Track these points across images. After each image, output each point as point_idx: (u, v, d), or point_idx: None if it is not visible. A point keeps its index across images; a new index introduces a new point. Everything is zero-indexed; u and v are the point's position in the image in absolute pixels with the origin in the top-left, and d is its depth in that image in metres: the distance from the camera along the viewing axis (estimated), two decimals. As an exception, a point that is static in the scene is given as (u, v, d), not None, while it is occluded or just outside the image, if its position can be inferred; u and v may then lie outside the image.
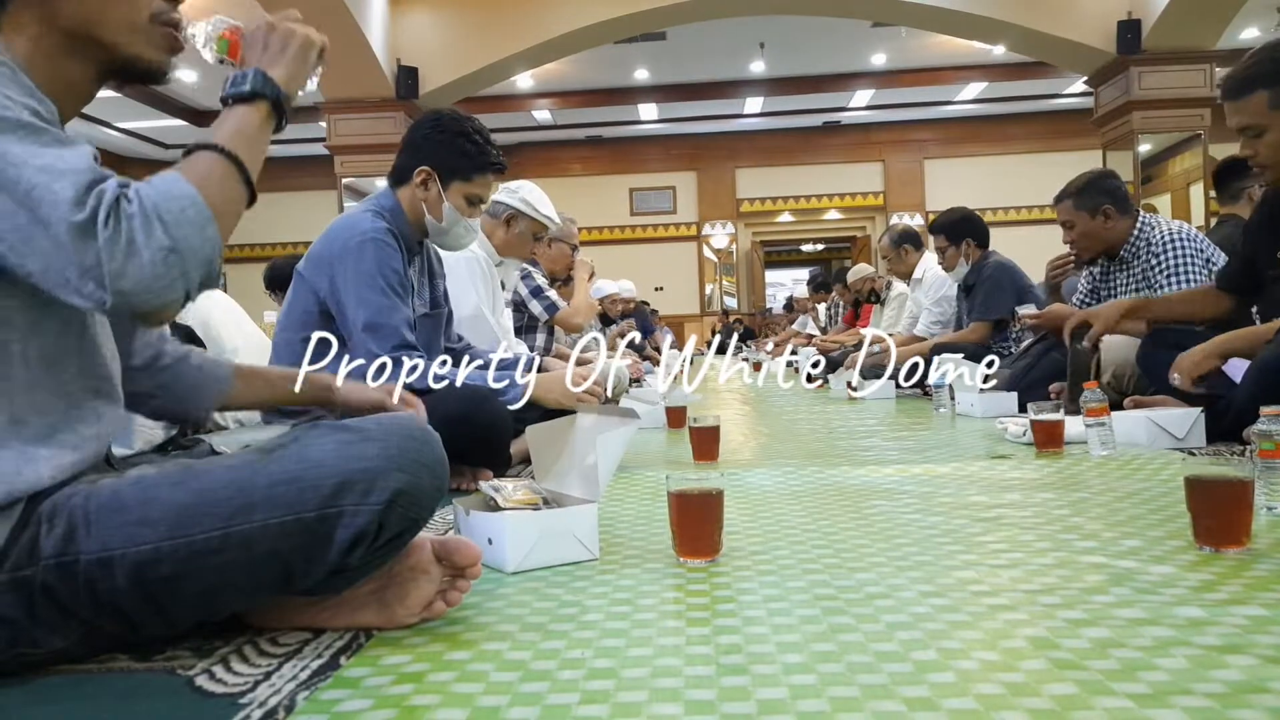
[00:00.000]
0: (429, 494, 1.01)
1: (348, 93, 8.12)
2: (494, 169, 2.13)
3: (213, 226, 0.91)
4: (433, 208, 2.08)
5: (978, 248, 4.06)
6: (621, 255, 12.77)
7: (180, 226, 0.88)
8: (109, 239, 0.85)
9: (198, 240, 0.89)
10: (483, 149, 2.10)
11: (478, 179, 2.10)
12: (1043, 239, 11.49)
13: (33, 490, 0.93)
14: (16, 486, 0.91)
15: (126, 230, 0.86)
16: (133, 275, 0.86)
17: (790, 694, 0.81)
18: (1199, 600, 1.04)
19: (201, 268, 0.90)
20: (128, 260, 0.85)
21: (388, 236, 1.97)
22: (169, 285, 0.88)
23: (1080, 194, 3.02)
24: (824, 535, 1.43)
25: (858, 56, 10.45)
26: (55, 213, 0.84)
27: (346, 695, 0.86)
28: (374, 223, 1.98)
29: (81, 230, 0.84)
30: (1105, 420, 2.14)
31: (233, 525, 0.92)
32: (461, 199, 2.09)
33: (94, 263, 0.84)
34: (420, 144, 2.11)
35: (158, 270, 0.87)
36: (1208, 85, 7.94)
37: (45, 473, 0.94)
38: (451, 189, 2.08)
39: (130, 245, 0.85)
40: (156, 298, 0.88)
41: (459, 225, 2.12)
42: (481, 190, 2.12)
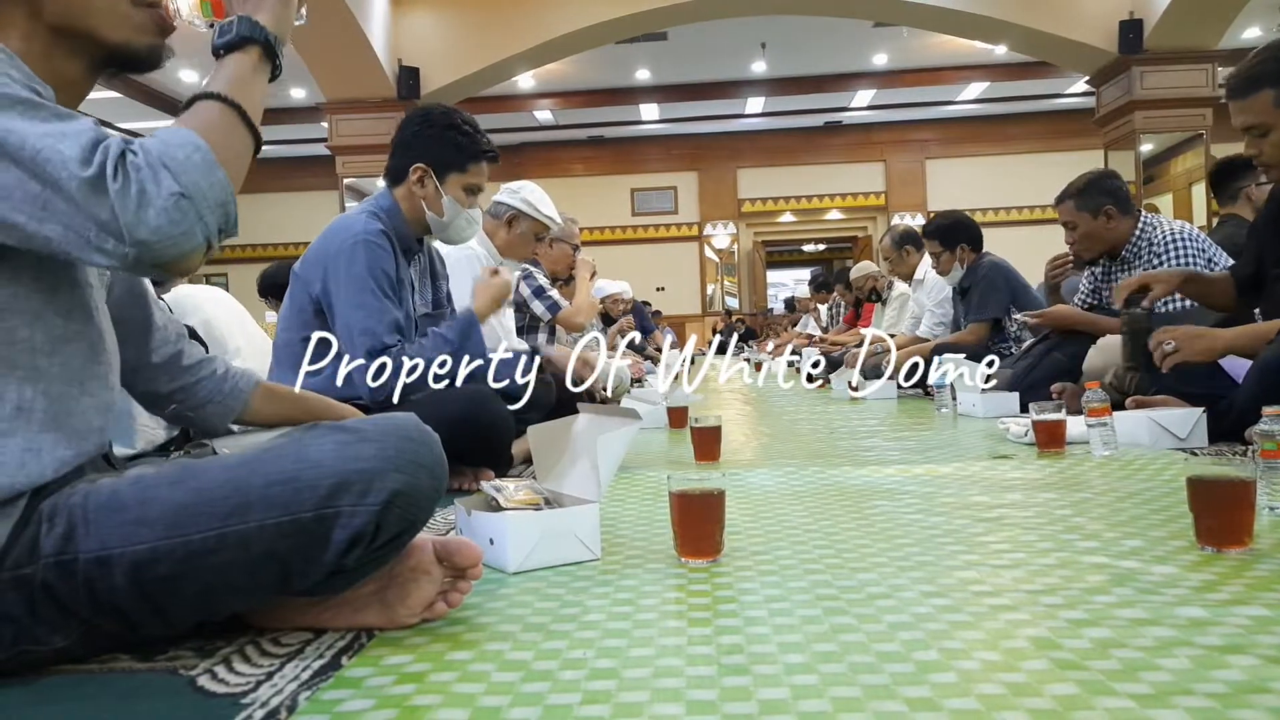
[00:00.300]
0: (427, 495, 1.01)
1: (349, 93, 8.14)
2: (487, 157, 2.13)
3: (219, 171, 0.91)
4: (432, 203, 2.08)
5: (971, 251, 4.06)
6: (623, 255, 12.78)
7: (187, 172, 0.89)
8: (119, 191, 0.85)
9: (206, 184, 0.90)
10: (473, 139, 2.10)
11: (473, 168, 2.10)
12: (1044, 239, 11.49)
13: (34, 484, 0.93)
14: (18, 481, 0.91)
15: (135, 181, 0.86)
16: (149, 224, 0.86)
17: (792, 694, 0.81)
18: (1201, 600, 1.04)
19: (215, 212, 0.91)
20: (141, 210, 0.86)
21: (380, 238, 1.97)
22: (186, 232, 0.88)
23: (1082, 194, 3.02)
24: (826, 535, 1.43)
25: (859, 56, 10.46)
26: (64, 172, 0.85)
27: (348, 695, 0.86)
28: (367, 224, 1.98)
29: (92, 185, 0.85)
30: (1107, 420, 2.14)
31: (229, 525, 0.92)
32: (460, 190, 2.09)
33: (109, 216, 0.85)
34: (411, 141, 2.11)
35: (172, 216, 0.87)
36: (1210, 85, 7.94)
37: (48, 466, 0.94)
38: (448, 182, 2.08)
39: (141, 195, 0.86)
40: (175, 246, 0.88)
41: (460, 217, 2.13)
42: (478, 179, 2.12)
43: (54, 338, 0.97)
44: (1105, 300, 3.15)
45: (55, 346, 0.97)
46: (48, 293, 0.96)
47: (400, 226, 2.05)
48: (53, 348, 0.97)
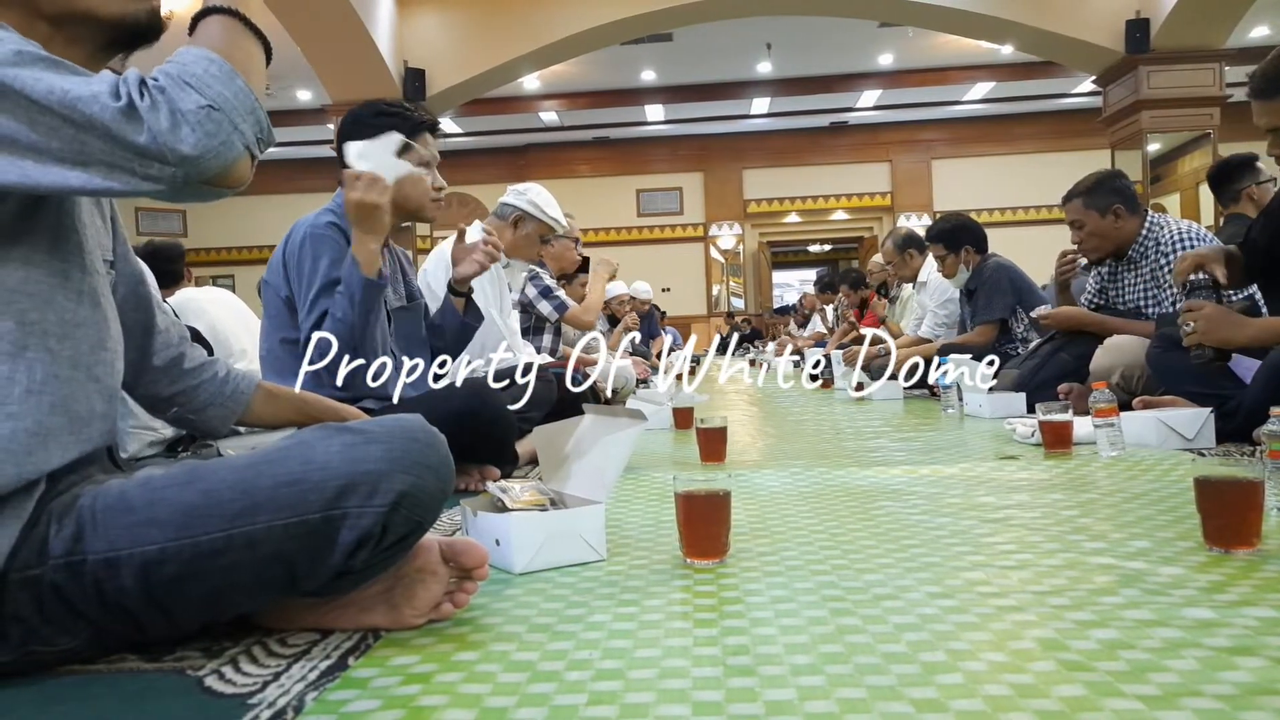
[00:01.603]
0: (433, 496, 1.01)
1: (355, 95, 8.13)
2: (422, 127, 2.08)
3: (239, 79, 0.94)
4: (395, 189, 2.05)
5: (976, 253, 4.06)
6: (628, 256, 12.75)
7: (209, 85, 0.91)
8: (150, 112, 0.88)
9: (230, 92, 0.92)
10: (402, 115, 2.07)
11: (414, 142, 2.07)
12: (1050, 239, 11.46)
13: (42, 473, 0.93)
14: (26, 469, 0.92)
15: (164, 100, 0.89)
16: (187, 140, 0.89)
17: (798, 695, 0.81)
18: (1209, 601, 1.03)
19: (248, 119, 0.94)
20: (175, 128, 0.88)
21: (327, 229, 1.96)
22: (225, 142, 0.91)
23: (1090, 193, 3.01)
24: (831, 536, 1.43)
25: (865, 57, 10.44)
26: (96, 107, 0.87)
27: (355, 696, 0.86)
28: (315, 219, 1.99)
29: (126, 114, 0.87)
30: (1114, 421, 2.13)
31: (237, 526, 0.93)
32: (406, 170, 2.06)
33: (148, 140, 0.88)
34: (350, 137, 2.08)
35: (207, 128, 0.90)
36: (1217, 84, 7.91)
37: (55, 454, 0.95)
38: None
39: (172, 114, 0.89)
40: (218, 157, 0.91)
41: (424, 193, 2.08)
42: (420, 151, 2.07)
43: (64, 322, 0.98)
44: (1112, 300, 3.14)
45: (65, 331, 0.98)
46: (59, 277, 0.97)
47: None
48: (63, 332, 0.97)
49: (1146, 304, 2.98)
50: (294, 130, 11.35)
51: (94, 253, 1.05)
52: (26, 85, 0.86)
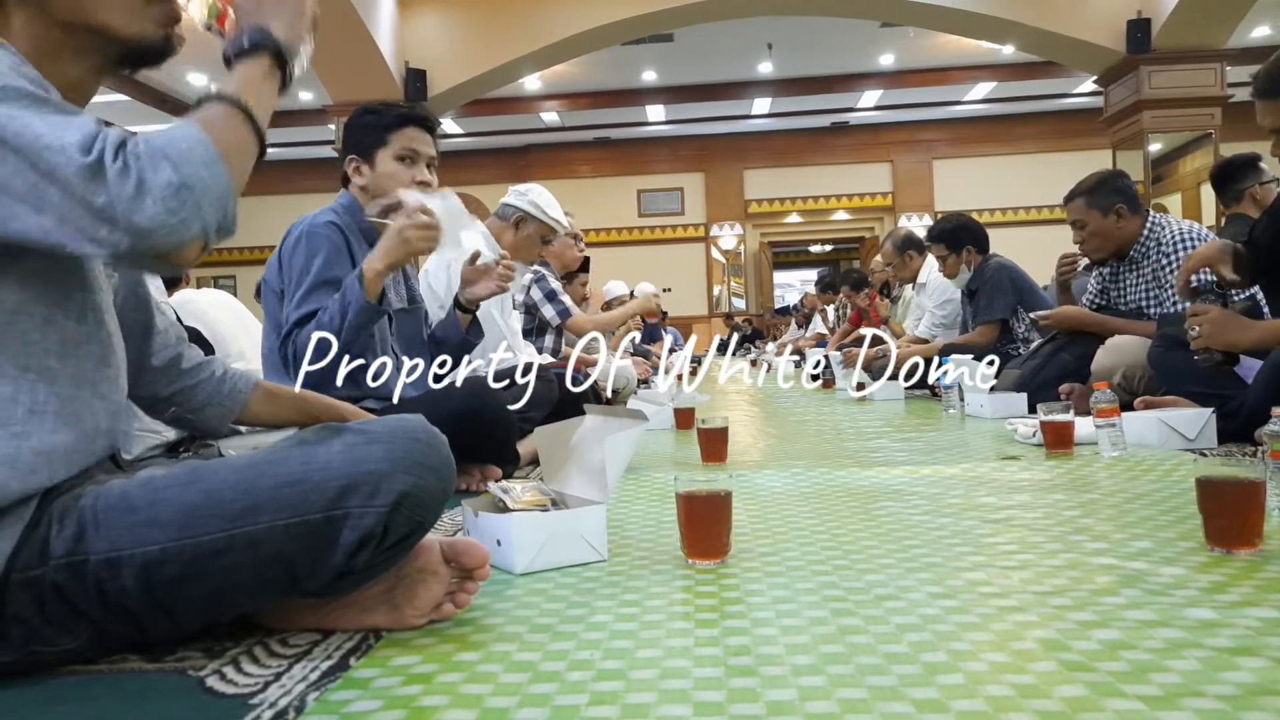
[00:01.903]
0: (435, 496, 1.01)
1: (356, 95, 8.14)
2: (407, 122, 2.08)
3: (221, 165, 0.90)
4: (375, 186, 2.06)
5: (977, 253, 4.06)
6: (629, 256, 12.78)
7: (189, 163, 0.87)
8: (118, 175, 0.84)
9: (206, 175, 0.88)
10: (384, 113, 2.08)
11: (394, 136, 2.06)
12: (1052, 239, 11.45)
13: (45, 488, 0.93)
14: (30, 485, 0.92)
15: (135, 168, 0.85)
16: (146, 211, 0.85)
17: (799, 695, 0.81)
18: (1210, 602, 1.03)
19: (215, 205, 0.89)
20: (138, 197, 0.85)
21: (325, 228, 1.96)
22: (183, 222, 0.87)
23: (1093, 193, 3.00)
24: (833, 537, 1.43)
25: (866, 57, 10.44)
26: (62, 158, 0.84)
27: (356, 696, 0.86)
28: (315, 218, 1.99)
29: (90, 172, 0.84)
30: (1116, 421, 2.13)
31: (238, 527, 0.93)
32: (391, 161, 2.06)
33: (105, 203, 0.84)
34: (343, 144, 2.12)
35: (170, 205, 0.86)
36: (1218, 84, 7.90)
37: (59, 469, 0.95)
38: (378, 159, 2.05)
39: (140, 183, 0.85)
40: (172, 235, 0.86)
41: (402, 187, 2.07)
42: (406, 143, 2.06)
43: (65, 341, 0.97)
44: (1113, 301, 3.14)
45: (67, 350, 0.97)
46: (59, 297, 0.97)
47: (362, 221, 2.04)
48: (64, 351, 0.97)
49: (1148, 304, 2.98)
50: (295, 131, 11.36)
51: (95, 266, 1.05)
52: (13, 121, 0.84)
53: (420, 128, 2.08)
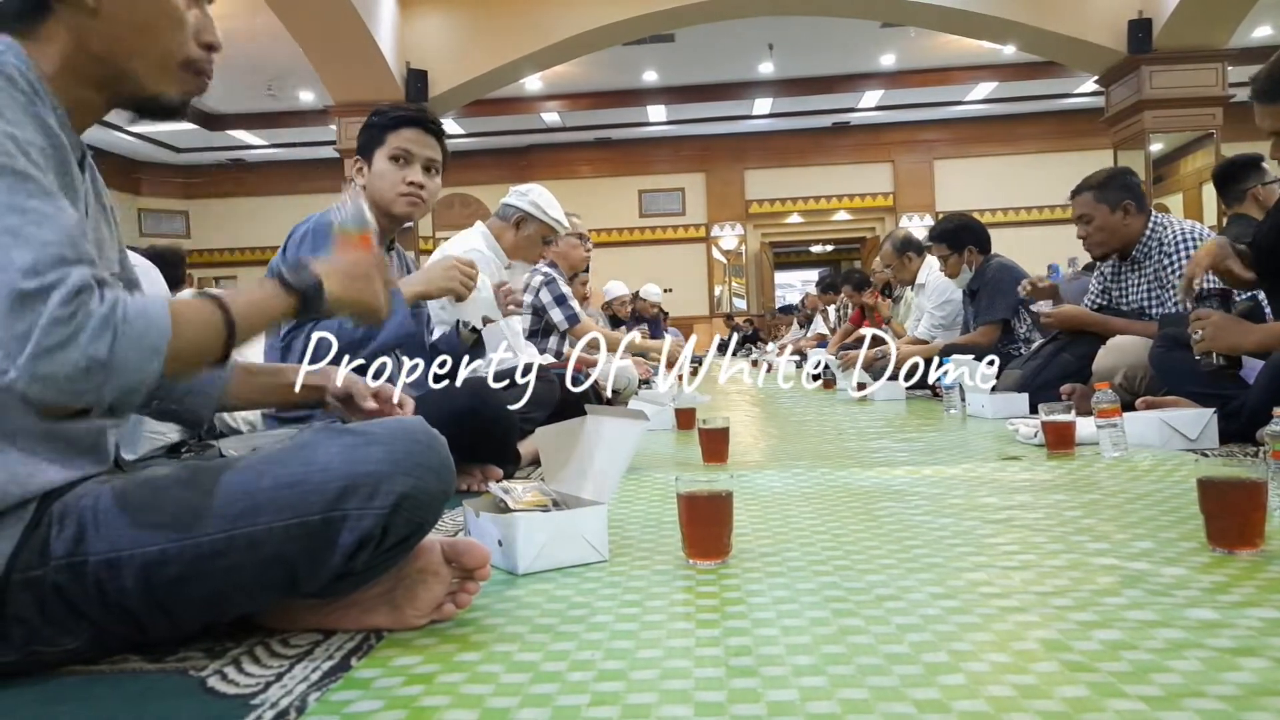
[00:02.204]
0: (434, 497, 1.01)
1: (357, 96, 8.15)
2: (404, 123, 2.08)
3: (158, 362, 0.87)
4: (371, 187, 2.07)
5: (979, 253, 4.06)
6: (630, 257, 12.78)
7: (128, 348, 0.84)
8: (52, 322, 0.80)
9: (134, 365, 0.85)
10: (383, 114, 2.09)
11: (390, 137, 2.07)
12: (1054, 239, 11.46)
13: (44, 491, 0.94)
14: (29, 489, 0.92)
15: (76, 325, 0.82)
16: (52, 369, 0.81)
17: (800, 696, 0.81)
18: (1212, 602, 1.03)
19: (120, 391, 0.86)
20: (58, 350, 0.81)
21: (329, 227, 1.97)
22: (77, 393, 0.83)
23: (1102, 187, 3.00)
24: (834, 537, 1.43)
25: (867, 57, 10.44)
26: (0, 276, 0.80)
27: (357, 696, 0.86)
28: (322, 216, 1.98)
29: (22, 299, 0.80)
30: (1117, 421, 2.13)
31: (238, 527, 0.93)
32: (385, 161, 2.06)
33: (22, 334, 0.80)
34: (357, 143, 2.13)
35: (76, 375, 0.82)
36: (1220, 84, 7.90)
37: (55, 476, 0.95)
38: (376, 157, 2.06)
39: (65, 342, 0.81)
40: (60, 397, 0.83)
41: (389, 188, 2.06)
42: (400, 143, 2.05)
43: None
44: (1115, 301, 3.14)
45: None
46: None
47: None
48: None
49: (1150, 304, 2.98)
50: (296, 131, 11.38)
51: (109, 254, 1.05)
52: None
53: (419, 129, 2.08)
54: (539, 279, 3.70)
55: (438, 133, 2.11)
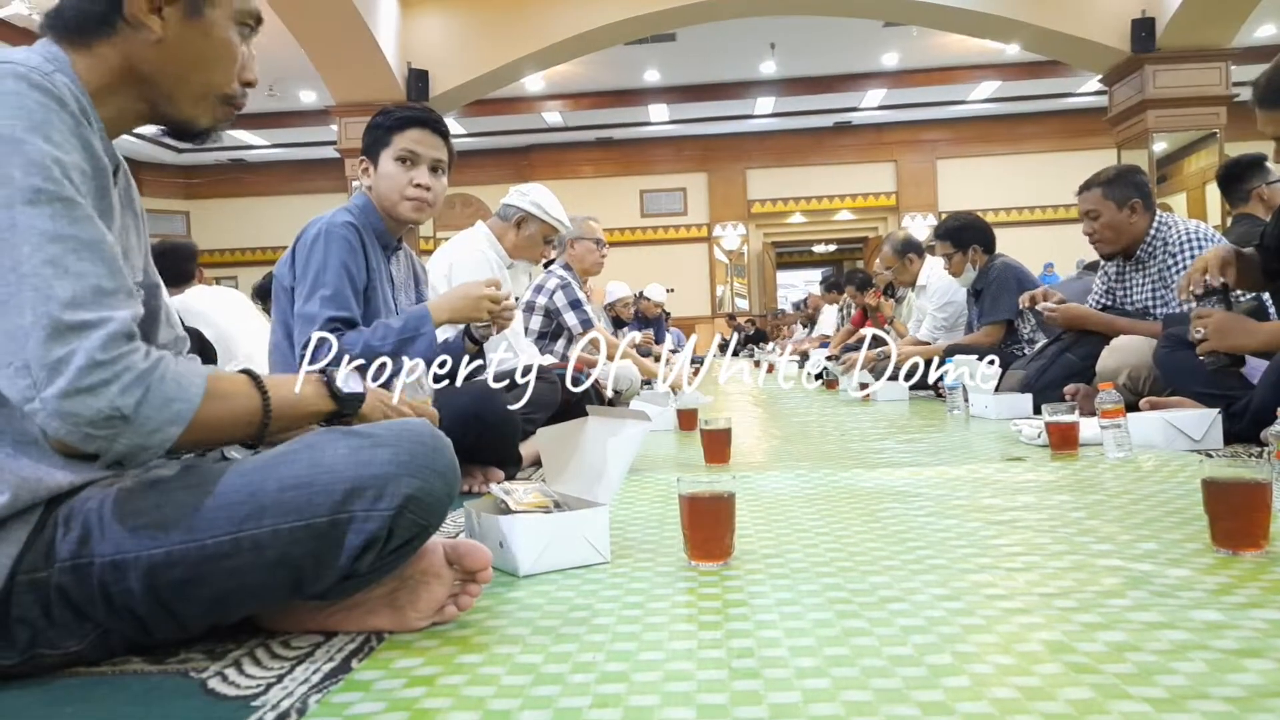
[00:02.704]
0: (440, 500, 1.01)
1: (359, 96, 8.16)
2: (410, 124, 2.07)
3: (176, 429, 0.90)
4: (378, 186, 2.05)
5: (984, 252, 4.06)
6: (632, 257, 12.78)
7: (153, 407, 0.88)
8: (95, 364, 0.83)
9: (152, 426, 0.88)
10: (390, 114, 2.07)
11: (396, 138, 2.05)
12: (1057, 239, 11.46)
13: (53, 494, 0.94)
14: (38, 493, 0.92)
15: (118, 371, 0.85)
16: (78, 408, 0.84)
17: (803, 698, 0.81)
18: (1217, 603, 1.03)
19: (131, 448, 0.89)
20: (88, 394, 0.84)
21: (344, 229, 1.95)
22: (90, 438, 0.86)
23: (1111, 184, 3.00)
24: (837, 538, 1.43)
25: (869, 56, 10.43)
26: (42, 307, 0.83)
27: (358, 698, 0.86)
28: (333, 218, 1.98)
29: (62, 331, 0.83)
30: (1121, 422, 2.12)
31: (244, 529, 0.93)
32: (391, 163, 2.05)
33: (54, 365, 0.83)
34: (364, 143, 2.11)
35: (97, 421, 0.85)
36: (1223, 83, 7.88)
37: (63, 480, 0.95)
38: (382, 159, 2.05)
39: (105, 385, 0.84)
40: (72, 436, 0.86)
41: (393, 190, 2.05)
42: (406, 145, 2.04)
43: None
44: (1120, 301, 3.13)
45: None
46: None
47: (374, 221, 2.03)
48: None
49: (1154, 304, 2.97)
50: (297, 132, 11.39)
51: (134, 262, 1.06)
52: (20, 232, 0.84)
53: (425, 129, 2.07)
54: (554, 281, 3.69)
55: (444, 133, 2.11)
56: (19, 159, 0.85)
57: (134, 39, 0.99)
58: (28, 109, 0.87)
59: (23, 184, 0.85)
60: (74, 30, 0.98)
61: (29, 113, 0.87)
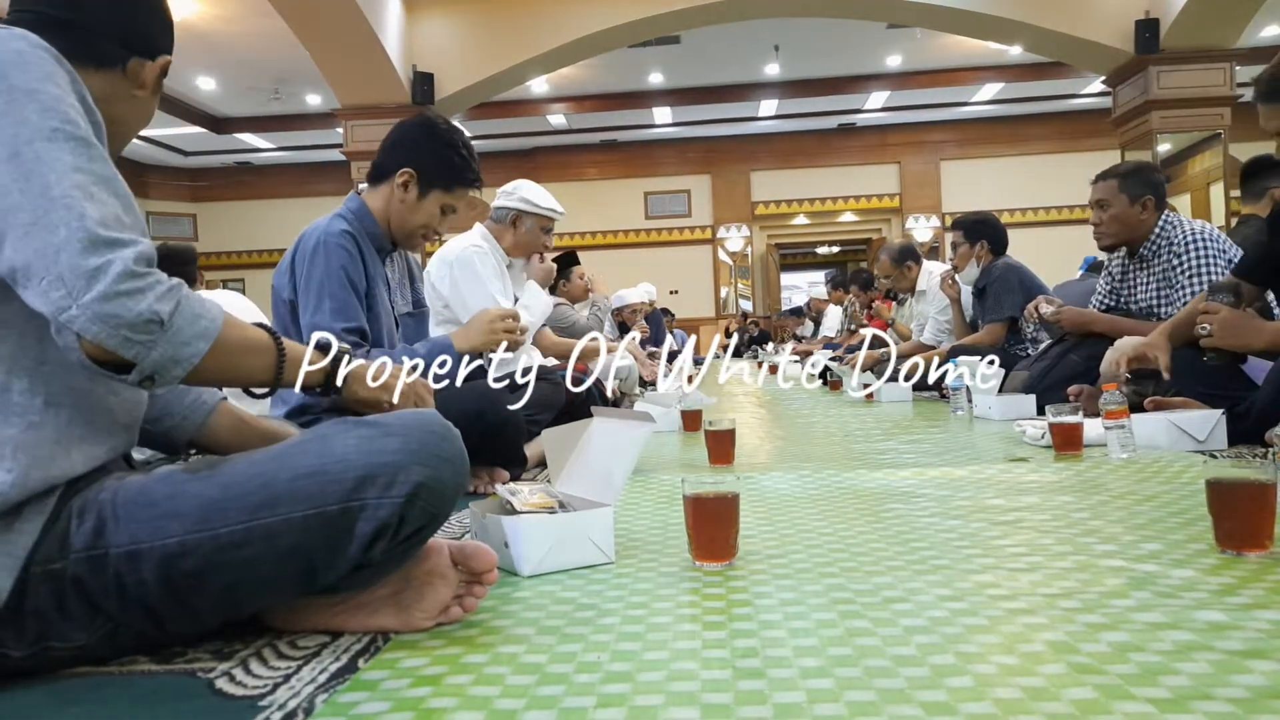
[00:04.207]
0: (450, 487, 1.02)
1: (364, 99, 8.18)
2: (474, 184, 2.09)
3: (204, 344, 0.92)
4: (408, 210, 2.03)
5: (990, 251, 4.07)
6: (636, 259, 12.79)
7: (185, 320, 0.91)
8: (130, 273, 0.86)
9: (185, 337, 0.91)
10: (468, 163, 2.05)
11: (458, 191, 2.05)
12: (1061, 240, 11.44)
13: (66, 478, 0.94)
14: (51, 474, 0.93)
15: (152, 282, 0.88)
16: (117, 309, 0.85)
17: (807, 698, 0.81)
18: (1221, 604, 1.03)
19: (164, 359, 0.90)
20: (127, 298, 0.86)
21: (343, 238, 1.93)
22: (129, 341, 0.87)
23: (1127, 178, 3.00)
24: (840, 539, 1.43)
25: (873, 58, 10.43)
26: (72, 221, 0.86)
27: (364, 698, 0.86)
28: (330, 226, 1.96)
29: (96, 243, 0.86)
30: (1125, 422, 2.12)
31: (256, 519, 0.93)
32: (437, 207, 2.04)
33: (91, 273, 0.85)
34: (409, 145, 2.04)
35: (137, 323, 0.87)
36: (1227, 84, 7.86)
37: (78, 462, 0.96)
38: (431, 196, 2.03)
39: (142, 291, 0.87)
40: (112, 339, 0.86)
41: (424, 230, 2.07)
42: (457, 202, 2.07)
43: None
44: (1124, 301, 3.13)
45: None
46: None
47: (371, 227, 2.00)
48: None
49: (1158, 304, 2.97)
50: (303, 135, 11.41)
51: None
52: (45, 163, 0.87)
53: (475, 191, 2.11)
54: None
55: None
56: (34, 104, 0.89)
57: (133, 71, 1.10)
58: (34, 63, 0.91)
59: (40, 124, 0.88)
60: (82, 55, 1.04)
61: (36, 66, 0.91)
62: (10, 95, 0.88)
